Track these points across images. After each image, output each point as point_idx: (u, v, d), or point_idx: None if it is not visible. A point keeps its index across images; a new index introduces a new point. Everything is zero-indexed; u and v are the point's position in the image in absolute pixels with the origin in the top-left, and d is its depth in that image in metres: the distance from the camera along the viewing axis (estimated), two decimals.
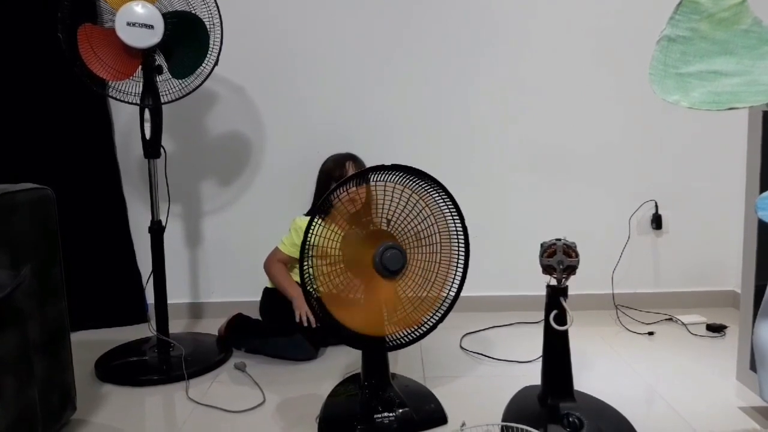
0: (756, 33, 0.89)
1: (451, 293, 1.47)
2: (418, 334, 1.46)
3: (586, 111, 2.34)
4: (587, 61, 2.31)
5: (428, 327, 1.47)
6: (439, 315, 1.47)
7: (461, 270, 1.46)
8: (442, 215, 1.43)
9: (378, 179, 1.36)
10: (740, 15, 0.89)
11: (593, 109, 2.34)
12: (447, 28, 2.30)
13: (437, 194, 1.42)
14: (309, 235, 1.31)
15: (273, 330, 1.98)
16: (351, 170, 2.11)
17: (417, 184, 1.41)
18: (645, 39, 1.05)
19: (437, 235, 1.43)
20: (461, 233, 1.45)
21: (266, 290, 2.14)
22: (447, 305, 1.47)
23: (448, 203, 1.43)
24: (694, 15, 0.91)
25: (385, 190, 1.35)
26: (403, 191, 1.37)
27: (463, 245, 1.45)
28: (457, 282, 1.46)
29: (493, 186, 2.37)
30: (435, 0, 2.28)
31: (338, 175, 2.09)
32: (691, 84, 0.88)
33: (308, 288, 1.36)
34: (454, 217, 1.44)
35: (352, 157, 2.15)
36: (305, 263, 1.33)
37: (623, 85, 2.31)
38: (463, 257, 1.46)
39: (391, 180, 1.37)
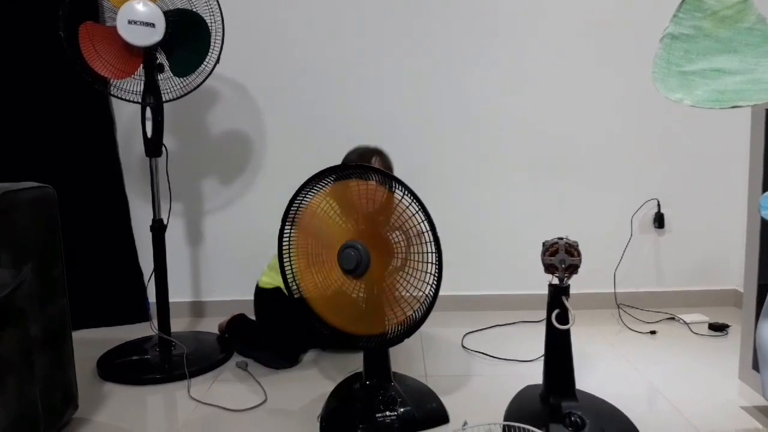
0: (760, 31, 0.88)
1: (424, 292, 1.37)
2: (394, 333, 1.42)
3: (588, 110, 2.34)
4: (590, 59, 2.31)
5: (401, 330, 1.41)
6: (420, 314, 1.39)
7: (435, 270, 1.35)
8: (407, 216, 1.34)
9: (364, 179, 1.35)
10: (744, 13, 0.89)
11: (595, 107, 2.34)
12: (447, 27, 2.30)
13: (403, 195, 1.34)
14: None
15: (263, 338, 1.94)
16: (378, 165, 1.95)
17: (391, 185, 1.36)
18: (649, 36, 1.05)
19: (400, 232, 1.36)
20: (429, 234, 1.32)
21: (257, 290, 2.05)
22: (423, 304, 1.38)
23: (412, 202, 1.33)
24: (698, 13, 0.91)
25: (367, 190, 1.34)
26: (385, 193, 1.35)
27: (433, 248, 1.32)
28: (433, 283, 1.36)
29: (495, 184, 2.37)
30: (437, 2, 2.29)
31: None
32: (695, 82, 0.88)
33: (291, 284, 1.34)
34: (418, 214, 1.32)
35: (378, 152, 2.02)
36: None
37: (626, 83, 2.30)
38: (435, 257, 1.33)
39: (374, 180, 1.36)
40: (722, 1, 0.90)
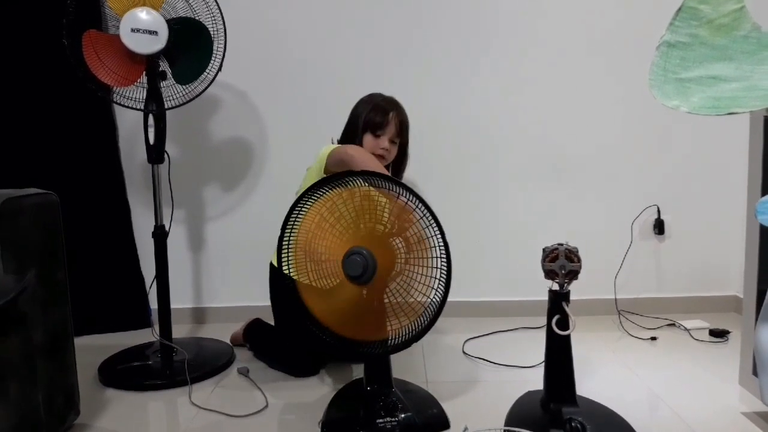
0: (755, 38, 0.89)
1: (430, 298, 1.38)
2: (399, 341, 1.41)
3: (588, 116, 2.35)
4: (590, 66, 2.32)
5: (410, 335, 1.40)
6: (424, 322, 1.39)
7: (443, 277, 1.36)
8: (413, 220, 1.34)
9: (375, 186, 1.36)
10: (739, 21, 0.90)
11: (595, 113, 2.35)
12: (447, 29, 2.31)
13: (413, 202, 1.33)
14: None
15: (282, 347, 1.92)
16: (393, 122, 1.87)
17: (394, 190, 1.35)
18: (649, 42, 1.06)
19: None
20: (439, 239, 1.32)
21: (272, 269, 1.94)
22: (430, 312, 1.38)
23: (421, 209, 1.33)
24: (694, 21, 0.92)
25: (378, 196, 1.34)
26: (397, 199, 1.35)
27: (441, 252, 1.33)
28: (440, 289, 1.37)
29: (496, 190, 2.38)
30: (436, 4, 2.30)
31: (378, 122, 1.85)
32: (691, 89, 0.89)
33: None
34: (427, 218, 1.32)
35: (395, 106, 1.89)
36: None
37: (625, 89, 2.31)
38: (444, 264, 1.34)
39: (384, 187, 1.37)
40: (718, 10, 0.91)
